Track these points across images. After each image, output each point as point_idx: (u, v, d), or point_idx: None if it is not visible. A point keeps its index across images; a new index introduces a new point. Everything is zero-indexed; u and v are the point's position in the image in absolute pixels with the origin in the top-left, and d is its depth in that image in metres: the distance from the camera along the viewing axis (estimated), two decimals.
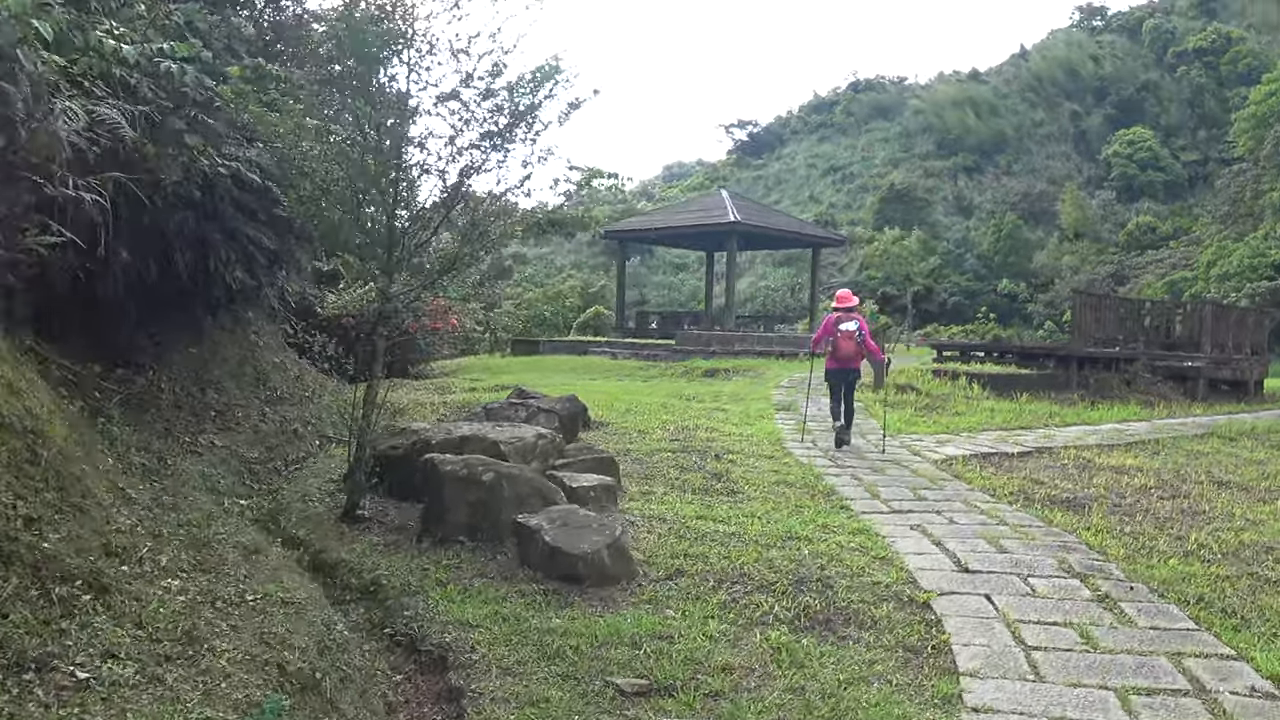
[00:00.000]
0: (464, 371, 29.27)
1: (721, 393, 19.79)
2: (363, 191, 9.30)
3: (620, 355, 29.46)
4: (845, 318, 14.34)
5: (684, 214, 36.33)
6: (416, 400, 18.94)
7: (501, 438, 10.53)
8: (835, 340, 14.26)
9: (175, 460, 10.89)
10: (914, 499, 10.54)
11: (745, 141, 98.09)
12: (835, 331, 14.26)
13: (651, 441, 13.49)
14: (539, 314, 48.14)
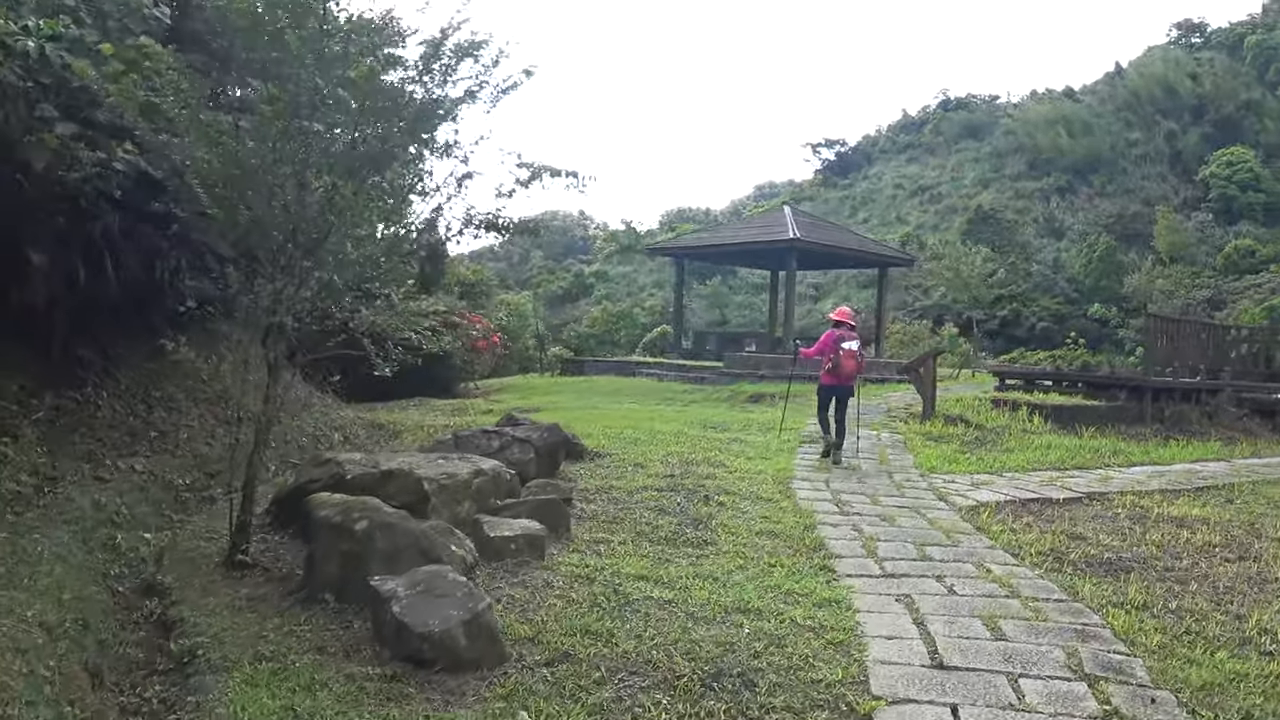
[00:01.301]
0: (504, 391, 28.16)
1: (753, 421, 18.11)
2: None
3: (667, 377, 27.90)
4: (847, 335, 14.29)
5: (742, 231, 34.70)
6: (421, 422, 17.64)
7: (430, 474, 9.03)
8: (838, 358, 14.16)
9: (69, 488, 9.61)
10: (916, 559, 8.80)
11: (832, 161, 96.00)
12: (837, 349, 14.17)
13: (642, 478, 11.93)
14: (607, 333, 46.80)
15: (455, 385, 28.85)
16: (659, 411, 20.03)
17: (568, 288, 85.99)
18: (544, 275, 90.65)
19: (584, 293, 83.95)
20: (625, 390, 25.90)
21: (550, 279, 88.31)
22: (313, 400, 15.78)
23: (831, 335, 14.42)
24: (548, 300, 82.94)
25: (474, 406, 21.67)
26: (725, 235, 35.99)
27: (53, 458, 10.24)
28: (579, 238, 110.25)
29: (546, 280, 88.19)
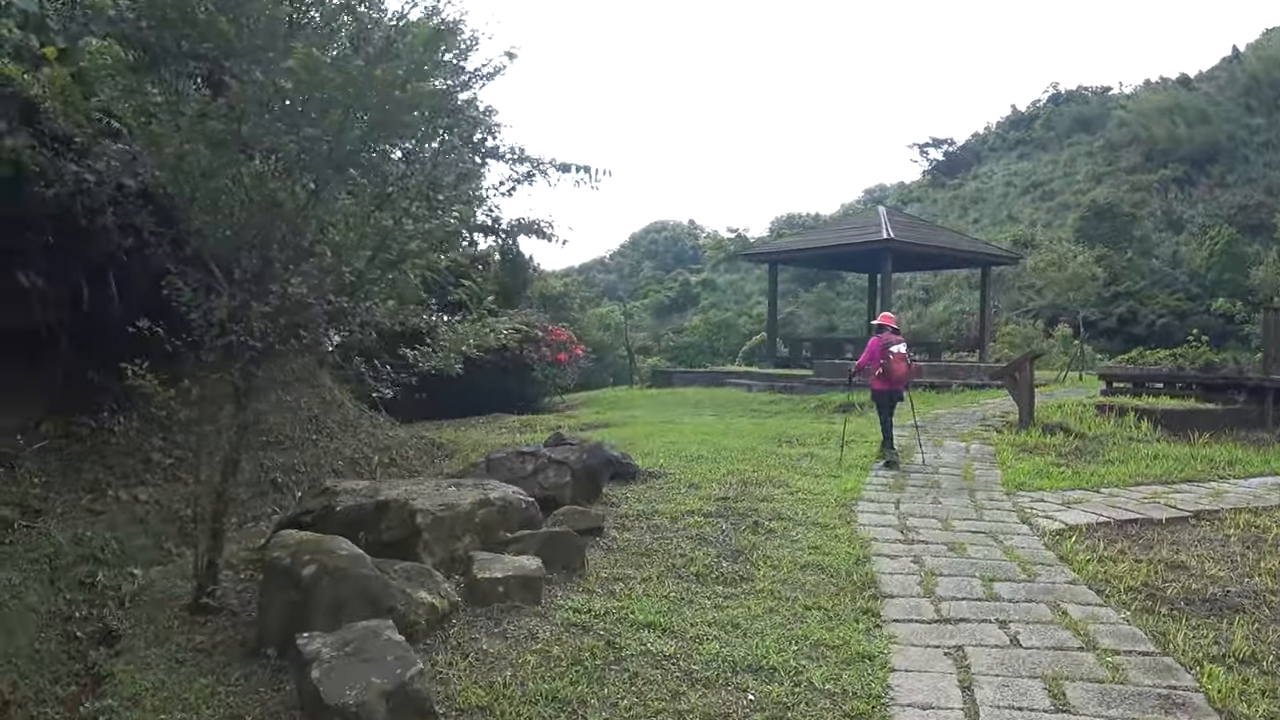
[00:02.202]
0: (587, 405, 27.33)
1: (834, 434, 16.83)
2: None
3: (755, 387, 26.72)
4: (893, 339, 14.24)
5: (837, 233, 33.33)
6: (481, 441, 16.84)
7: (427, 505, 8.09)
8: (888, 362, 14.03)
9: (53, 521, 8.95)
10: (981, 598, 7.57)
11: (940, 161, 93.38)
12: (886, 354, 14.04)
13: (692, 501, 10.86)
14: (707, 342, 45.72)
15: (539, 399, 28.12)
16: (735, 425, 18.89)
17: (675, 297, 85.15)
18: (652, 285, 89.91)
19: (691, 302, 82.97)
20: (709, 402, 24.80)
21: (658, 289, 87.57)
22: (361, 420, 15.01)
23: (878, 340, 14.29)
24: (655, 310, 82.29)
25: (543, 423, 20.78)
26: (819, 238, 34.67)
27: (48, 489, 9.65)
28: (689, 247, 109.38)
29: (655, 290, 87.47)
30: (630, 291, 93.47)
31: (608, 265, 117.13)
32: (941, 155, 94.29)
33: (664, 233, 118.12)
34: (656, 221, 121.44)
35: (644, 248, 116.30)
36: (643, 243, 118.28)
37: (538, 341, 27.22)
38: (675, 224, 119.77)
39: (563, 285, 41.34)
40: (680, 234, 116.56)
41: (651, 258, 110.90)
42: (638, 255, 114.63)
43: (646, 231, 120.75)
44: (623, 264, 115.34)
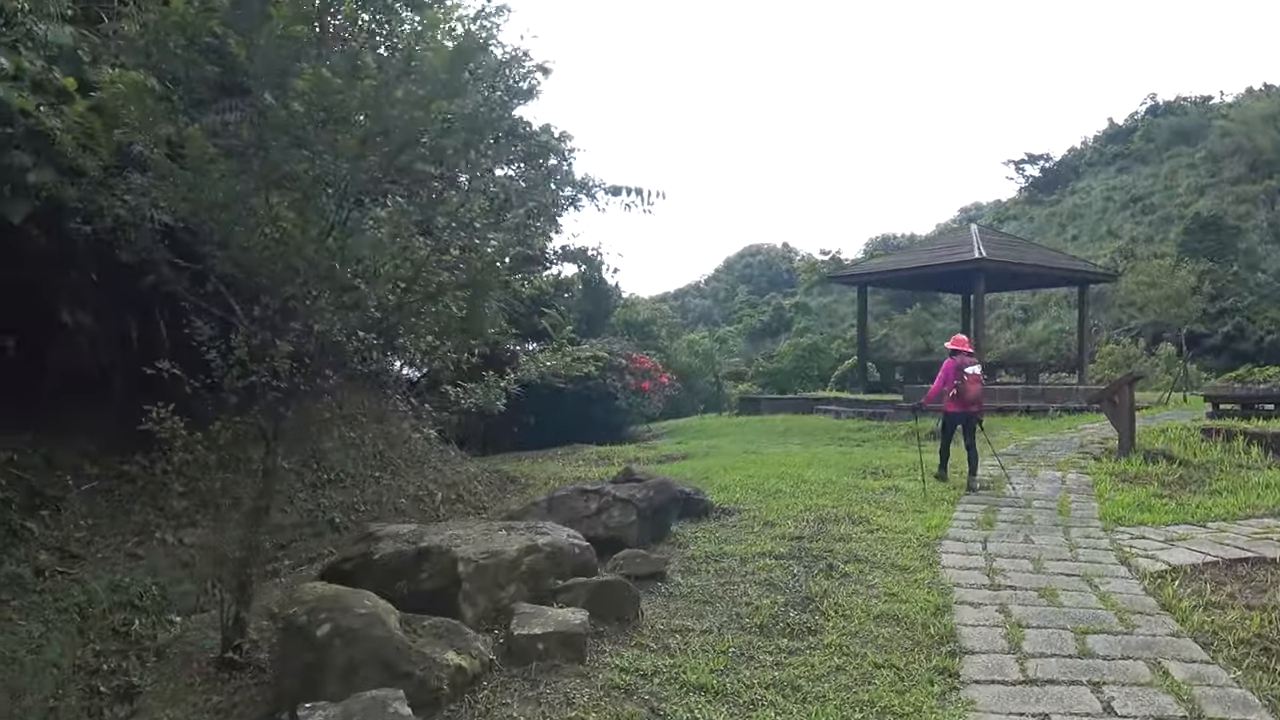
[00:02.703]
0: (673, 434, 26.79)
1: (920, 464, 16.07)
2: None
3: (844, 414, 25.89)
4: (967, 361, 14.14)
5: (926, 254, 32.36)
6: (556, 474, 16.44)
7: (470, 552, 7.58)
8: (963, 384, 13.93)
9: (92, 566, 8.64)
10: (1072, 654, 6.84)
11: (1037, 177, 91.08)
12: (961, 375, 13.94)
13: (764, 541, 10.24)
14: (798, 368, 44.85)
15: (624, 428, 27.69)
16: (820, 454, 18.16)
17: (768, 321, 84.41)
18: (746, 310, 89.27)
19: (785, 326, 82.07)
20: (796, 430, 24.11)
21: (752, 313, 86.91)
22: (429, 455, 14.64)
23: (953, 363, 14.17)
24: (749, 335, 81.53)
25: (622, 454, 20.27)
26: (909, 259, 33.72)
27: (94, 532, 9.37)
28: (783, 270, 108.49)
29: (748, 315, 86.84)
30: (724, 316, 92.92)
31: (702, 290, 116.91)
32: (1038, 171, 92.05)
33: (758, 256, 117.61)
34: (751, 245, 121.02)
35: (738, 272, 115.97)
36: (737, 267, 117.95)
37: (621, 370, 26.81)
38: (769, 247, 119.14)
39: (649, 312, 40.86)
40: (774, 257, 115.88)
41: (746, 282, 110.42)
42: (732, 280, 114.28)
43: (741, 255, 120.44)
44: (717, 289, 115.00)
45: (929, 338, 67.62)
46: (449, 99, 6.12)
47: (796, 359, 44.29)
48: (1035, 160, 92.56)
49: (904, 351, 62.18)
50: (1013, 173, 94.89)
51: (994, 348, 59.08)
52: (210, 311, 6.68)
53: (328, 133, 5.95)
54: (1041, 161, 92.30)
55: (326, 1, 6.11)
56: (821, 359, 45.60)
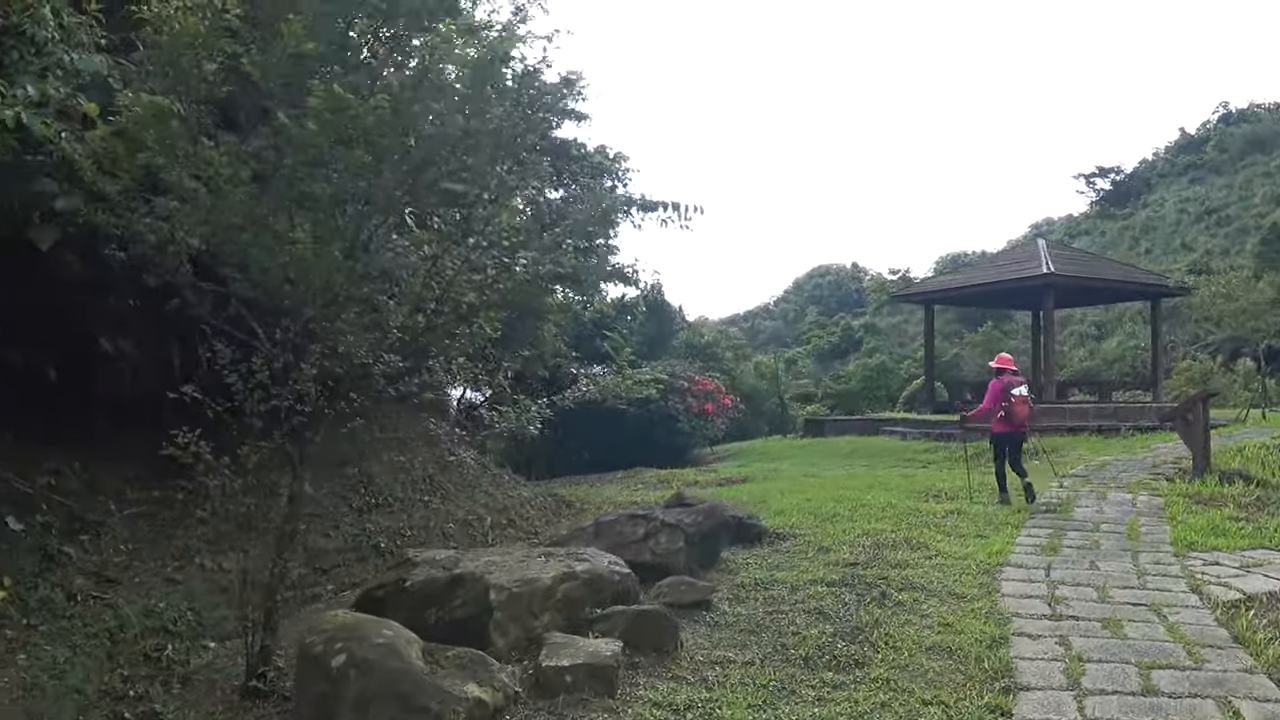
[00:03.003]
0: (735, 457, 26.48)
1: (988, 486, 15.59)
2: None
3: (910, 435, 25.38)
4: (1015, 381, 14.16)
5: (993, 270, 31.71)
6: (611, 498, 16.33)
7: (503, 579, 7.36)
8: (1010, 405, 13.91)
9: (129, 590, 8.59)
10: (1136, 692, 6.43)
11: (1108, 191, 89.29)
12: (1008, 396, 13.93)
13: (817, 567, 9.94)
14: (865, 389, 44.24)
15: (686, 451, 27.43)
16: (883, 477, 17.75)
17: (837, 342, 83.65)
18: (815, 331, 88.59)
19: (854, 347, 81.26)
20: (860, 452, 23.67)
21: (821, 334, 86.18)
22: (481, 479, 14.46)
23: (999, 383, 14.19)
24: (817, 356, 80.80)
25: (681, 477, 19.99)
26: (975, 276, 33.12)
27: (133, 556, 9.30)
28: (852, 290, 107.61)
29: (817, 336, 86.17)
30: (794, 338, 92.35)
31: (772, 312, 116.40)
32: (1109, 185, 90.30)
33: (827, 277, 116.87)
34: (819, 266, 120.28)
35: (807, 293, 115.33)
36: (806, 288, 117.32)
37: (683, 392, 26.58)
38: (838, 268, 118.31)
39: (714, 334, 40.58)
40: (843, 278, 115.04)
41: (816, 303, 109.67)
42: (801, 301, 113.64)
43: (810, 276, 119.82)
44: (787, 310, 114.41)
45: None
46: (468, 115, 5.92)
47: (864, 380, 43.69)
48: (1106, 173, 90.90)
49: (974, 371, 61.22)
50: (1083, 186, 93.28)
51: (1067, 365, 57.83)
52: (233, 335, 6.53)
53: (342, 151, 5.78)
54: (1112, 174, 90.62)
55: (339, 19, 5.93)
56: (890, 379, 44.97)
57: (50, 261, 8.10)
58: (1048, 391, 27.48)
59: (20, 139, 7.00)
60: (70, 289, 8.72)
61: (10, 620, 7.41)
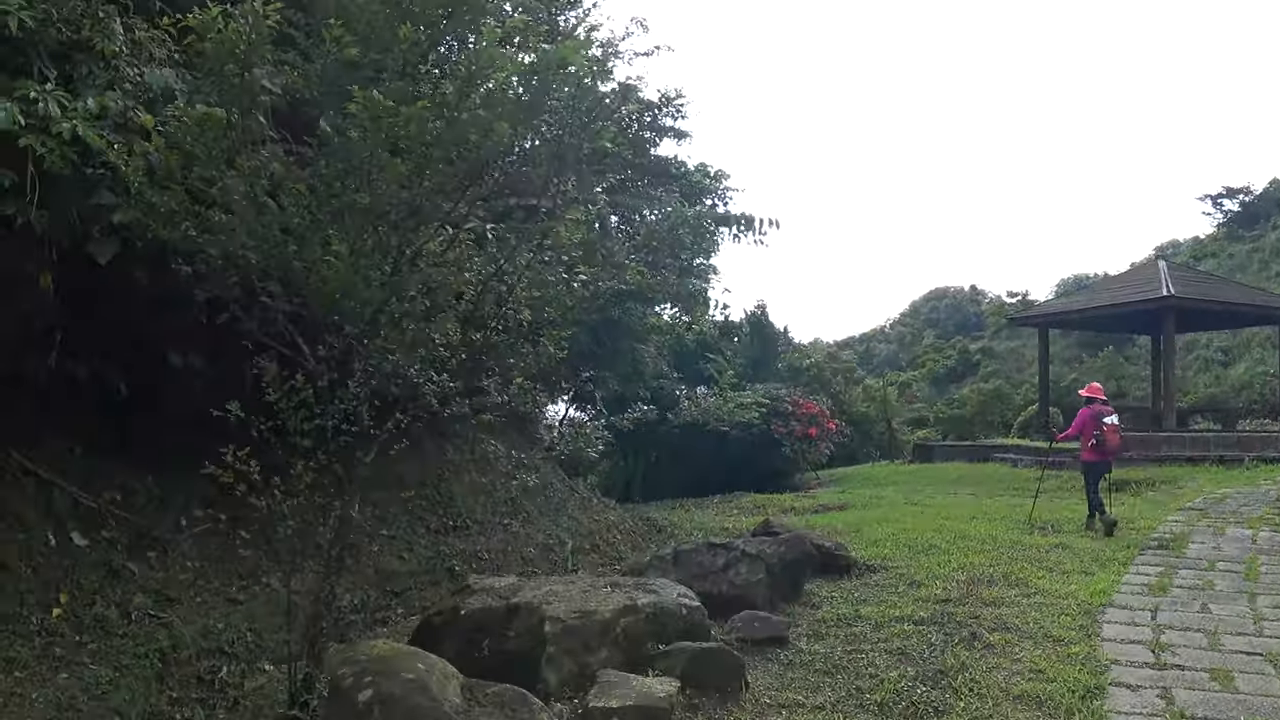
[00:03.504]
0: (837, 483, 25.83)
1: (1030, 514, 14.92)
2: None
3: (1022, 463, 24.41)
4: (1105, 410, 14.37)
5: (1110, 293, 30.43)
6: (702, 524, 15.92)
7: (560, 611, 7.03)
8: (1102, 433, 14.11)
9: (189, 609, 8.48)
10: None
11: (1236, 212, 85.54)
12: (1099, 425, 14.14)
13: (906, 603, 9.45)
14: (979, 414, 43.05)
15: (789, 476, 26.86)
16: (988, 506, 17.02)
17: (953, 366, 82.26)
18: (930, 354, 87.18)
19: (970, 370, 79.76)
20: (968, 479, 22.84)
21: (936, 358, 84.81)
22: (568, 502, 14.16)
23: (1089, 411, 14.40)
24: (932, 380, 79.44)
25: (779, 503, 19.48)
26: (1092, 299, 31.80)
27: (199, 574, 9.15)
28: (970, 313, 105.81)
29: (932, 359, 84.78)
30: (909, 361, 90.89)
31: (887, 335, 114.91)
32: (1237, 206, 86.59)
33: (944, 300, 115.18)
34: (937, 289, 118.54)
35: (924, 316, 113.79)
36: (923, 310, 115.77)
37: (786, 415, 26.06)
38: (956, 290, 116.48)
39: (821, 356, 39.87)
40: (961, 300, 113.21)
41: (932, 326, 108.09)
42: (918, 324, 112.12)
43: (927, 299, 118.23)
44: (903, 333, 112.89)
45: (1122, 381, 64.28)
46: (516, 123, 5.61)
47: (979, 404, 42.51)
48: (1234, 194, 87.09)
49: None
50: (1210, 208, 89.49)
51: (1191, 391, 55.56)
52: (280, 351, 6.32)
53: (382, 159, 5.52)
54: (1241, 195, 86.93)
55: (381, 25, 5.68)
56: (1005, 405, 43.70)
57: (118, 275, 8.03)
58: (1167, 419, 26.20)
59: (79, 152, 6.92)
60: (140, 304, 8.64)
61: (62, 638, 7.29)
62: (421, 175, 5.55)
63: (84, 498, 8.59)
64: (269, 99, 5.74)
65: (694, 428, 24.65)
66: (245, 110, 5.86)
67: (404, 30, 5.40)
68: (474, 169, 5.74)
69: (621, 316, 14.44)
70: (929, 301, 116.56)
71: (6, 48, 7.31)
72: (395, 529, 11.05)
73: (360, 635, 9.31)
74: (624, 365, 18.12)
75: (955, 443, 33.30)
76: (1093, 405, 14.44)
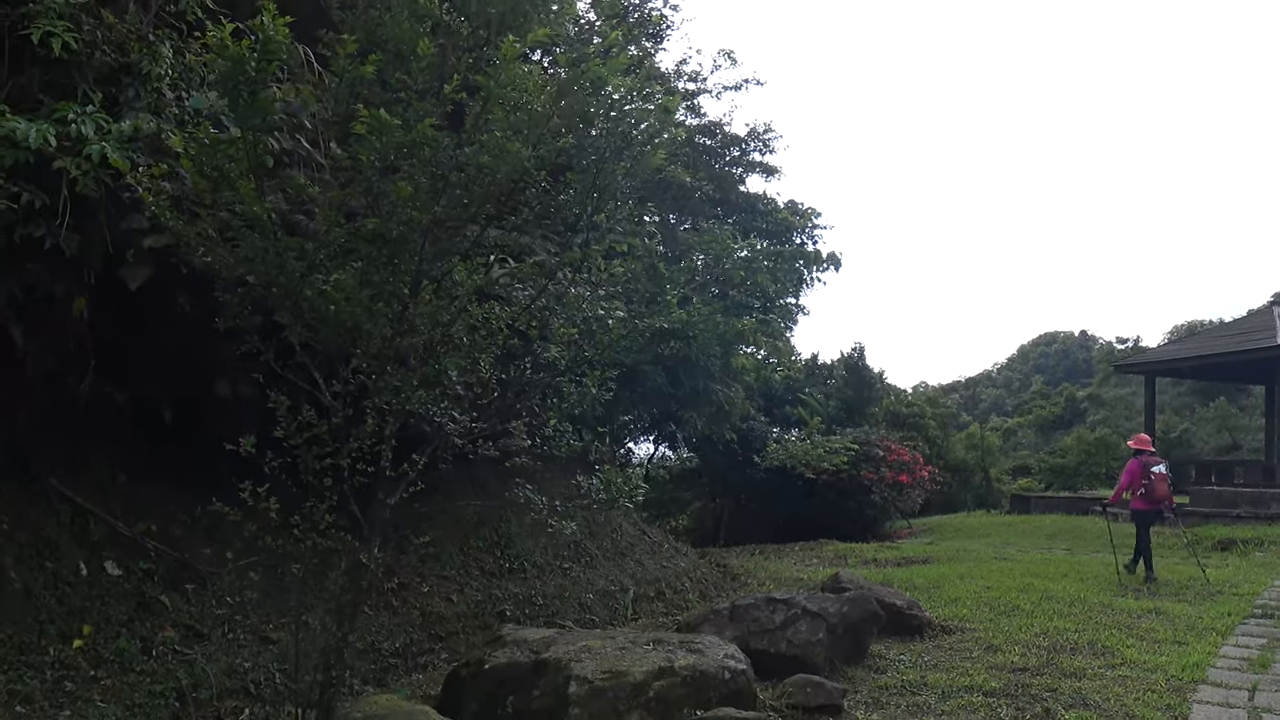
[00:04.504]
0: (928, 533, 24.99)
1: (1197, 580, 13.95)
2: None
3: (1123, 517, 23.28)
4: (1153, 461, 14.98)
5: (1220, 341, 29.05)
6: (776, 573, 15.34)
7: (587, 671, 6.59)
8: (1151, 483, 14.76)
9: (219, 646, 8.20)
10: None
11: None
12: (1148, 475, 14.77)
13: (978, 671, 8.79)
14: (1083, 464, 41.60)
15: (879, 523, 26.09)
16: (1081, 564, 16.16)
17: (1060, 413, 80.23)
18: (1038, 400, 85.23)
19: (1078, 418, 77.62)
20: (1065, 533, 21.85)
21: (1043, 404, 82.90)
22: (637, 546, 13.69)
23: (1138, 462, 14.97)
24: (1039, 426, 77.60)
25: (862, 553, 18.74)
26: (1201, 346, 30.42)
27: (236, 610, 8.84)
28: (1080, 359, 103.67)
29: (1039, 406, 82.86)
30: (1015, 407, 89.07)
31: (994, 379, 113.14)
32: None
33: (1054, 345, 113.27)
34: (1046, 333, 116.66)
35: (1033, 361, 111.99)
36: (1031, 355, 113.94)
37: (877, 461, 25.29)
38: (1065, 335, 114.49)
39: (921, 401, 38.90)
40: (1071, 346, 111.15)
41: (1041, 371, 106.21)
42: (1026, 369, 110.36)
43: (1035, 344, 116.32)
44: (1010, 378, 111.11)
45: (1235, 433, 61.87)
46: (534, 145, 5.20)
47: (1081, 454, 41.07)
48: None
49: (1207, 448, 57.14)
50: None
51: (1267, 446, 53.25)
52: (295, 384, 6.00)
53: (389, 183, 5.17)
54: None
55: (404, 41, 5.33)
56: (1110, 455, 42.15)
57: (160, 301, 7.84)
58: (1278, 474, 24.86)
59: (112, 174, 6.74)
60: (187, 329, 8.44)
61: (76, 671, 7.02)
62: (436, 199, 5.17)
63: (121, 527, 8.38)
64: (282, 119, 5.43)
65: (782, 471, 24.02)
66: (257, 131, 5.55)
67: (422, 45, 5.06)
68: (491, 194, 5.34)
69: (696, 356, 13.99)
70: (1038, 346, 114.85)
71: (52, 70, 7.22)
72: (448, 569, 10.70)
73: (399, 680, 8.97)
74: (706, 405, 17.61)
75: (1053, 494, 32.07)
76: (1141, 456, 15.06)
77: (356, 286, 5.18)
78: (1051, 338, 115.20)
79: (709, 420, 18.92)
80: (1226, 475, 28.28)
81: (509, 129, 5.03)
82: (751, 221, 20.18)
